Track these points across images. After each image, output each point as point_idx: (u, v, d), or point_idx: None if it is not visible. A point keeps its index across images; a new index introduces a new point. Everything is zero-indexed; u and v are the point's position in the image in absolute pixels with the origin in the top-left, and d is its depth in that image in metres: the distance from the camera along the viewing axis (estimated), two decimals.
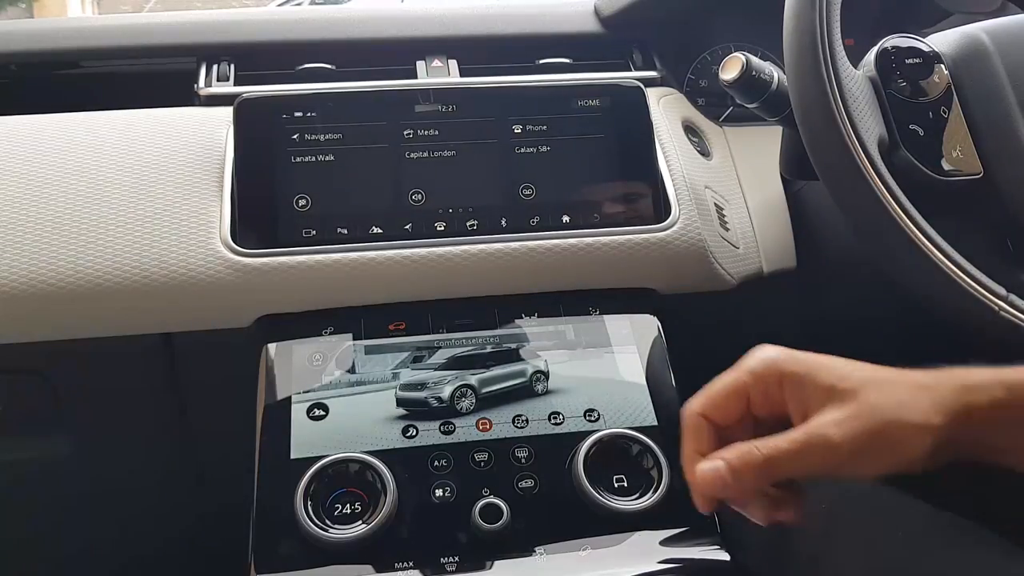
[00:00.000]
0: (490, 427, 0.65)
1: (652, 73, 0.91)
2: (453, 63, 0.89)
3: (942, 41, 0.69)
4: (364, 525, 0.57)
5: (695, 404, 0.48)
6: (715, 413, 0.48)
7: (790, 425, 0.46)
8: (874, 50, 0.67)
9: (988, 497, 0.62)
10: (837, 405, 0.44)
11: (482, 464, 0.62)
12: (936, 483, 0.61)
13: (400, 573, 0.57)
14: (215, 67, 0.87)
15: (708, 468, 0.44)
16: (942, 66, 0.67)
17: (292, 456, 0.61)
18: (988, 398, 0.44)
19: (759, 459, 0.43)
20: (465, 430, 0.64)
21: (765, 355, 0.48)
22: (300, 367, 0.67)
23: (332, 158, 0.72)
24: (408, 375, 0.67)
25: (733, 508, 0.47)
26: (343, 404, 0.65)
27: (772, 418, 0.47)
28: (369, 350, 0.68)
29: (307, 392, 0.65)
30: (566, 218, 0.73)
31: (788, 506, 0.46)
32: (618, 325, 0.71)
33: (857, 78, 0.63)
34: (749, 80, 0.68)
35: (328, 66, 0.88)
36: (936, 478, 0.65)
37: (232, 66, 0.87)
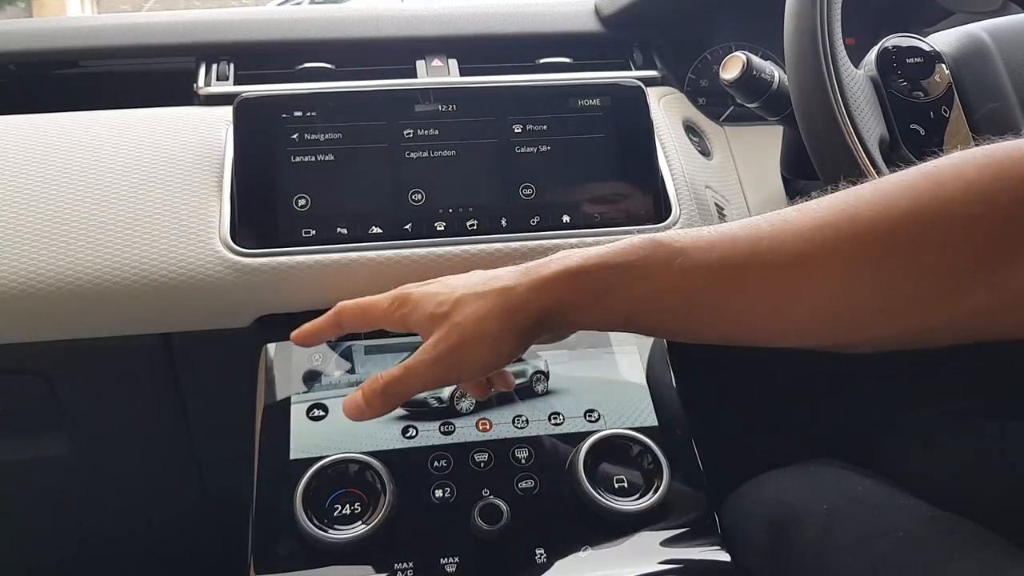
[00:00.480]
0: (490, 427, 0.65)
1: (652, 73, 0.91)
2: (453, 63, 0.89)
3: (943, 40, 0.68)
4: (364, 525, 0.57)
5: (341, 304, 0.58)
6: (346, 322, 0.58)
7: None
8: (875, 49, 0.66)
9: (988, 497, 0.62)
10: (436, 329, 0.52)
11: (482, 464, 0.62)
12: (936, 482, 0.62)
13: (400, 574, 0.57)
14: (215, 67, 0.87)
15: (349, 399, 0.55)
16: (943, 65, 0.66)
17: (291, 456, 0.61)
18: (556, 290, 0.50)
19: (379, 387, 0.53)
20: (465, 430, 0.64)
21: (391, 293, 0.56)
22: (300, 367, 0.67)
23: (332, 158, 0.72)
24: None
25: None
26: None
27: None
28: (369, 350, 0.68)
29: (307, 392, 0.65)
30: (566, 218, 0.73)
31: (496, 383, 0.62)
32: None
33: (858, 78, 0.63)
34: (750, 80, 0.68)
35: (328, 66, 0.87)
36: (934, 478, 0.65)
37: (232, 66, 0.87)
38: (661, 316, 0.49)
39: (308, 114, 0.72)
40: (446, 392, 0.66)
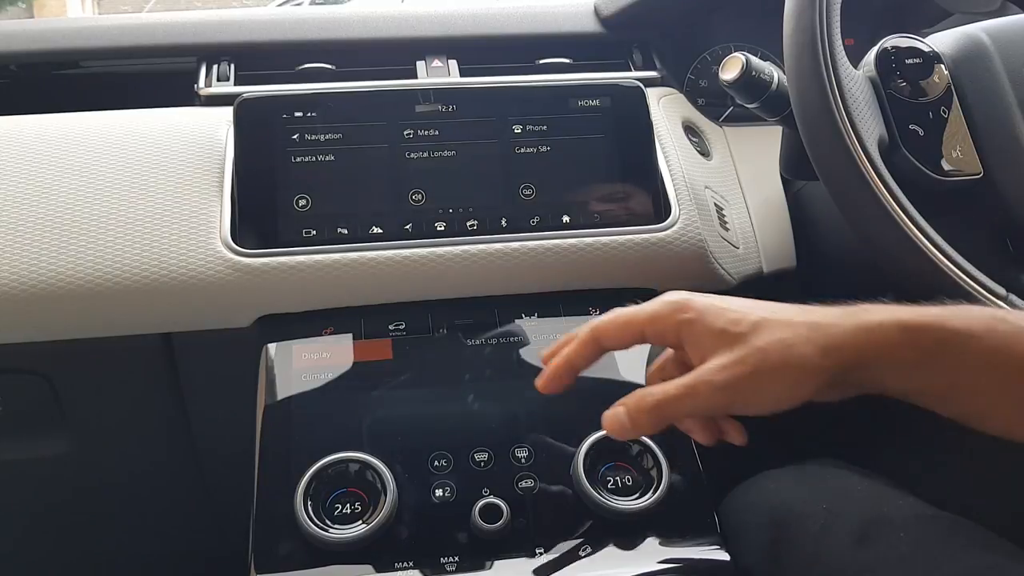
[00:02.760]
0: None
1: (652, 73, 0.91)
2: (453, 63, 0.89)
3: (942, 41, 0.69)
4: (364, 525, 0.57)
5: (594, 322, 0.51)
6: (605, 338, 0.51)
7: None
8: (874, 50, 0.67)
9: (988, 497, 0.62)
10: (727, 349, 0.46)
11: (482, 464, 0.62)
12: (936, 482, 0.62)
13: (400, 573, 0.57)
14: (215, 67, 0.87)
15: (611, 413, 0.49)
16: (942, 66, 0.67)
17: (292, 456, 0.61)
18: (883, 339, 0.45)
19: (650, 404, 0.47)
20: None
21: (666, 298, 0.50)
22: (300, 367, 0.67)
23: (332, 158, 0.72)
24: None
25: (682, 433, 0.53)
26: (343, 404, 0.65)
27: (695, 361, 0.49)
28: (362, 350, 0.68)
29: (307, 392, 0.65)
30: (566, 218, 0.73)
31: (730, 432, 0.52)
32: None
33: (857, 78, 0.63)
34: (749, 80, 0.68)
35: (328, 66, 0.88)
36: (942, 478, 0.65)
37: (232, 66, 0.87)
38: (975, 399, 0.45)
39: (308, 114, 0.72)
40: None
